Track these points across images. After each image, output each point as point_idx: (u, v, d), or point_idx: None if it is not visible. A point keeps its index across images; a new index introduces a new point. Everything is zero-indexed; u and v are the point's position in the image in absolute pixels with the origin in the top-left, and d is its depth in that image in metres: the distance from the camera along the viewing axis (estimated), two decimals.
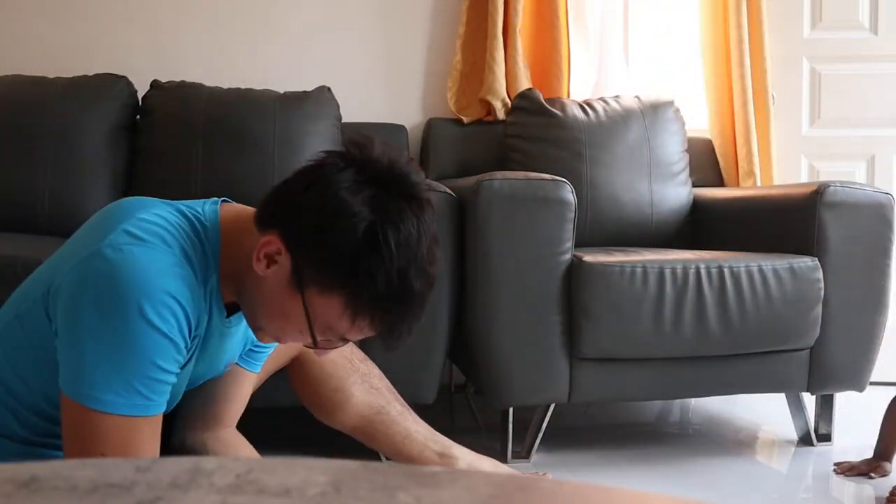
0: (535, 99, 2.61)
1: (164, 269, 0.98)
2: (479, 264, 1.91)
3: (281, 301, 1.04)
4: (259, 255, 1.03)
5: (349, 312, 1.01)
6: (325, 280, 1.00)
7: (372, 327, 1.03)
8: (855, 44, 2.86)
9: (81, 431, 0.98)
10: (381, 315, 1.02)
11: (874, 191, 2.15)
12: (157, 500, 0.40)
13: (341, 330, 1.04)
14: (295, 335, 1.07)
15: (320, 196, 1.00)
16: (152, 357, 0.97)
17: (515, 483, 0.45)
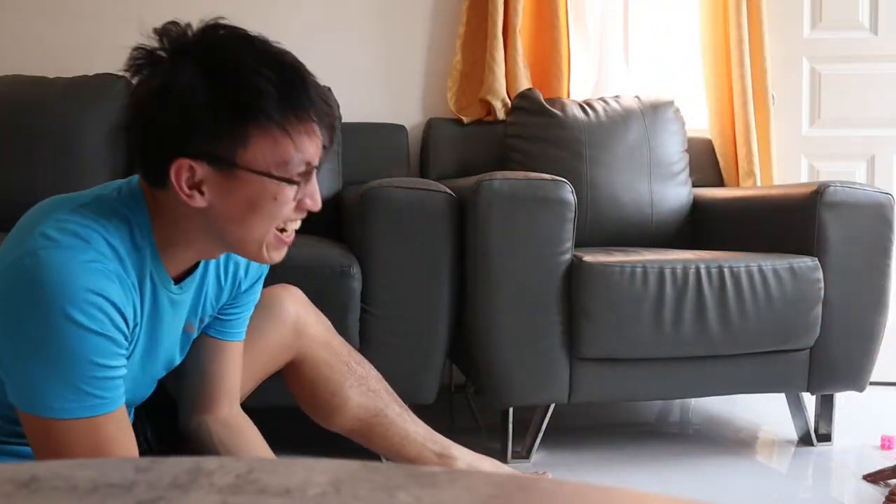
0: (535, 99, 2.61)
1: (82, 267, 0.94)
2: (479, 264, 1.91)
3: (237, 198, 1.00)
4: (187, 192, 0.98)
5: (277, 132, 0.99)
6: (234, 140, 0.97)
7: (302, 123, 1.00)
8: (855, 44, 2.86)
9: (47, 442, 0.97)
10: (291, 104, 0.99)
11: (874, 191, 2.15)
12: (157, 500, 0.40)
13: (291, 153, 1.01)
14: (278, 208, 1.03)
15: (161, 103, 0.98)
16: (91, 357, 0.95)
17: (515, 483, 0.45)
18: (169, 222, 1.04)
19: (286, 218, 1.06)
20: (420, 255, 1.90)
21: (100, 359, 0.96)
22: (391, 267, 1.89)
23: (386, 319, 1.89)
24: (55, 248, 0.94)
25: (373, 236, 1.88)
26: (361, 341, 1.87)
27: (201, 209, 1.00)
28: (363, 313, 1.87)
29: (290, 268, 1.81)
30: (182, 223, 1.04)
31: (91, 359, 0.95)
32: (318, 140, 1.04)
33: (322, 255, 1.87)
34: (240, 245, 1.05)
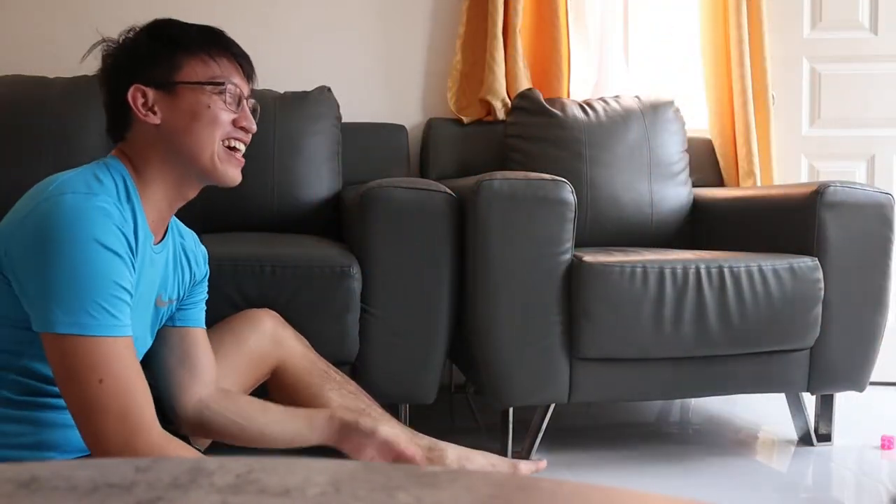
0: (535, 99, 2.61)
1: (97, 203, 1.10)
2: (479, 264, 1.91)
3: (181, 110, 1.22)
4: (143, 113, 1.22)
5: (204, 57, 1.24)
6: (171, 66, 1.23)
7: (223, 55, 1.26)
8: (855, 44, 2.86)
9: (70, 365, 1.06)
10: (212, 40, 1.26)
11: (874, 191, 2.15)
12: (157, 500, 0.40)
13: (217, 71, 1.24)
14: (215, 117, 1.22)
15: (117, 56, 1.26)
16: (113, 276, 1.08)
17: (515, 483, 0.45)
18: (140, 163, 1.24)
19: (226, 131, 1.24)
20: (420, 255, 1.90)
21: (117, 277, 1.09)
22: (391, 267, 1.89)
23: (386, 319, 1.89)
24: (70, 191, 1.11)
25: (373, 236, 1.88)
26: (361, 341, 1.87)
27: (157, 127, 1.22)
28: (363, 313, 1.87)
29: (291, 268, 1.82)
30: (149, 156, 1.23)
31: (114, 278, 1.08)
32: (240, 73, 1.27)
33: (322, 255, 1.87)
34: (194, 158, 1.23)
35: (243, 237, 2.10)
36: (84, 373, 1.06)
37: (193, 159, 1.23)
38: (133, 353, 1.11)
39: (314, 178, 2.41)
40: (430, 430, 2.26)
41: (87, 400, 1.07)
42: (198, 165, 1.24)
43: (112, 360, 1.07)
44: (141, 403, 1.09)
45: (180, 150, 1.23)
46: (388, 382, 1.92)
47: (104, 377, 1.06)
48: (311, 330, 1.80)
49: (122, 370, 1.08)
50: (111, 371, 1.06)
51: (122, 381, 1.07)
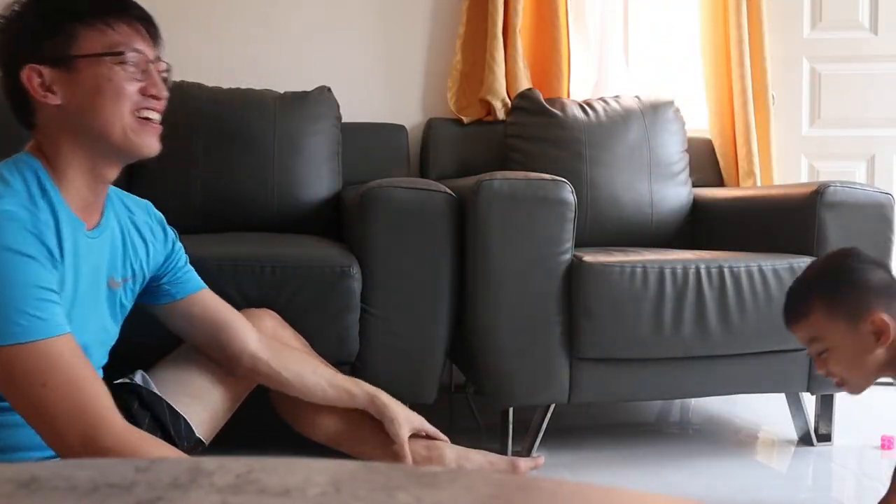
0: (535, 99, 2.61)
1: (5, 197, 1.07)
2: (479, 264, 1.91)
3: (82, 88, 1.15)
4: (42, 94, 1.14)
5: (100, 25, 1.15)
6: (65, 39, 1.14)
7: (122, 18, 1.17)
8: (855, 44, 2.86)
9: (10, 376, 1.03)
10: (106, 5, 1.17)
11: (874, 191, 2.15)
12: (157, 500, 0.40)
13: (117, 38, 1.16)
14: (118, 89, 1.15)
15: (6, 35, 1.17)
16: (29, 280, 1.04)
17: (515, 483, 0.45)
18: (51, 150, 1.17)
19: (134, 102, 1.17)
20: (420, 255, 1.90)
21: (39, 282, 1.05)
22: (391, 267, 1.89)
23: (386, 319, 1.89)
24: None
25: (373, 236, 1.88)
26: (361, 341, 1.87)
27: (60, 108, 1.15)
28: (363, 313, 1.87)
29: (291, 268, 1.82)
30: (58, 141, 1.17)
31: (33, 283, 1.04)
32: (142, 35, 1.19)
33: (322, 255, 1.87)
34: (105, 136, 1.16)
35: (243, 237, 2.10)
36: (26, 381, 1.02)
37: (104, 137, 1.16)
38: (74, 349, 1.07)
39: (314, 178, 2.41)
40: None
41: (36, 407, 1.03)
42: (110, 142, 1.17)
43: (51, 361, 1.03)
44: (93, 396, 1.05)
45: (89, 130, 1.16)
46: (388, 382, 1.92)
47: (46, 380, 1.02)
48: (311, 330, 1.80)
49: (64, 369, 1.04)
50: (52, 372, 1.03)
51: (67, 380, 1.03)
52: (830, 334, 1.27)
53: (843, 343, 1.26)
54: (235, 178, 2.33)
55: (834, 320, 1.27)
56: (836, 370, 1.29)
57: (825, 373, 1.31)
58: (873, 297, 1.26)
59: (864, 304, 1.25)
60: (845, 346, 1.26)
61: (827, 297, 1.28)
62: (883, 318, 1.23)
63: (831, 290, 1.28)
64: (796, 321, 1.33)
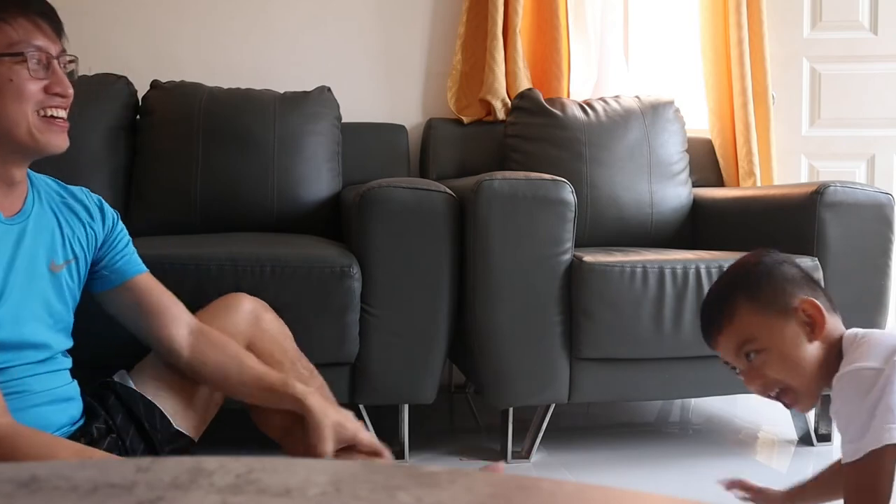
0: (535, 99, 2.61)
1: None
2: (479, 264, 1.91)
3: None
4: None
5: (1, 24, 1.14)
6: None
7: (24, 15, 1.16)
8: (855, 44, 2.86)
9: None
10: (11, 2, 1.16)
11: (874, 191, 2.15)
12: (157, 500, 0.40)
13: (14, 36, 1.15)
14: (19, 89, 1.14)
15: None
16: None
17: (515, 483, 0.45)
18: None
19: (37, 101, 1.16)
20: (420, 255, 1.90)
21: None
22: (391, 267, 1.89)
23: (386, 319, 1.89)
24: None
25: (373, 236, 1.88)
26: (361, 341, 1.87)
27: None
28: (363, 313, 1.87)
29: (291, 268, 1.82)
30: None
31: None
32: (44, 30, 1.18)
33: (322, 255, 1.87)
34: (9, 136, 1.15)
35: (243, 237, 2.10)
36: None
37: (8, 137, 1.16)
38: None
39: (314, 178, 2.41)
40: (430, 430, 2.26)
41: None
42: (15, 142, 1.16)
43: None
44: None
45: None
46: (388, 382, 1.92)
47: None
48: (311, 330, 1.80)
49: None
50: None
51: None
52: (763, 330, 1.16)
53: (778, 338, 1.15)
54: (235, 178, 2.33)
55: (764, 314, 1.16)
56: (775, 375, 1.17)
57: (762, 385, 1.19)
58: (797, 286, 1.17)
59: (790, 293, 1.15)
60: (782, 342, 1.15)
61: (750, 294, 1.17)
62: (813, 302, 1.14)
63: (753, 286, 1.18)
64: (720, 328, 1.20)
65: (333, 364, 1.85)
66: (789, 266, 1.21)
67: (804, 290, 1.17)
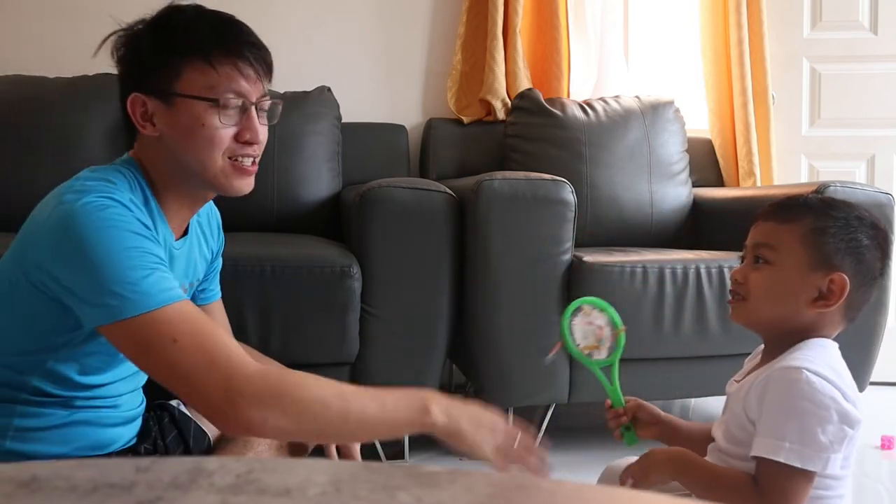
0: (535, 99, 2.61)
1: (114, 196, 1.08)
2: (479, 264, 1.91)
3: (178, 125, 1.13)
4: (141, 123, 1.14)
5: (202, 65, 1.12)
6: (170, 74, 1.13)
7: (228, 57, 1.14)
8: (855, 44, 2.86)
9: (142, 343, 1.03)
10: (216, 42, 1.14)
11: (874, 191, 2.15)
12: (157, 500, 0.40)
13: (215, 79, 1.13)
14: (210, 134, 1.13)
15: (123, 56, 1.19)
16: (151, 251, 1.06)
17: (515, 483, 0.45)
18: (152, 169, 1.18)
19: (226, 147, 1.15)
20: (420, 255, 1.90)
21: (156, 252, 1.07)
22: (391, 267, 1.89)
23: (386, 319, 1.89)
24: (87, 191, 1.07)
25: (373, 236, 1.88)
26: (361, 341, 1.87)
27: (159, 139, 1.15)
28: (363, 313, 1.87)
29: (291, 268, 1.82)
30: (158, 165, 1.17)
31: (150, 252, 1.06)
32: (246, 74, 1.16)
33: (322, 255, 1.87)
34: (198, 174, 1.16)
35: (243, 237, 2.10)
36: (157, 344, 1.02)
37: (198, 175, 1.16)
38: (194, 309, 1.08)
39: (314, 178, 2.41)
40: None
41: (171, 367, 1.03)
42: (203, 180, 1.17)
43: (176, 322, 1.03)
44: (222, 344, 1.04)
45: (185, 166, 1.16)
46: (388, 382, 1.92)
47: (177, 337, 1.02)
48: (311, 330, 1.80)
49: (191, 325, 1.04)
50: (181, 330, 1.03)
51: (195, 334, 1.03)
52: (789, 256, 1.09)
53: (790, 272, 1.07)
54: None
55: (804, 248, 1.08)
56: (754, 288, 1.11)
57: (741, 281, 1.14)
58: (853, 263, 1.06)
59: (840, 262, 1.06)
60: (788, 278, 1.07)
61: (816, 227, 1.09)
62: (845, 282, 1.04)
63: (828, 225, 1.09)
64: (772, 216, 1.15)
65: (333, 364, 1.85)
66: (871, 250, 1.09)
67: (856, 274, 1.06)
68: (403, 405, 1.08)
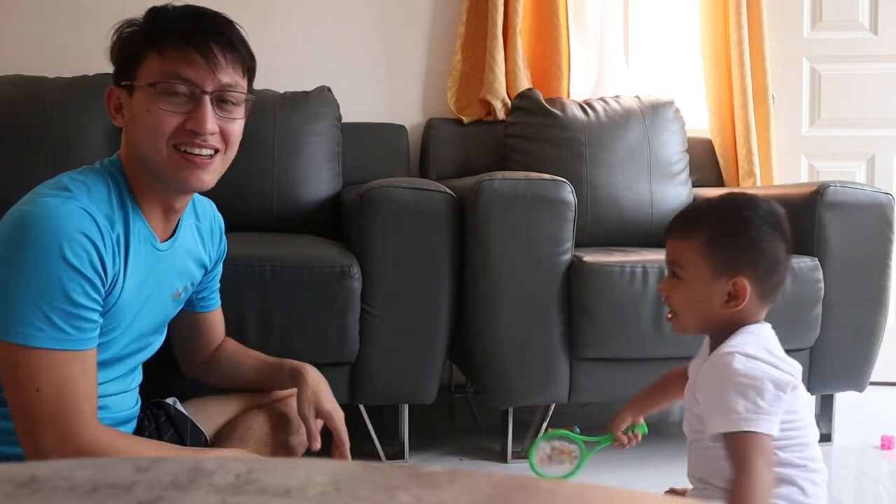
0: (535, 99, 2.61)
1: (74, 211, 1.07)
2: (479, 264, 1.91)
3: (134, 112, 1.15)
4: (113, 114, 1.17)
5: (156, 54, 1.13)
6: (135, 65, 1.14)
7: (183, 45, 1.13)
8: (855, 44, 2.86)
9: (15, 371, 1.05)
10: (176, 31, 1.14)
11: (874, 191, 2.15)
12: (157, 500, 0.40)
13: (166, 65, 1.12)
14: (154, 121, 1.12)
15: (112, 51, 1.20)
16: (66, 291, 1.05)
17: (515, 483, 0.45)
18: (127, 165, 1.18)
19: (170, 134, 1.13)
20: (420, 255, 1.90)
21: (75, 295, 1.05)
22: (391, 267, 1.89)
23: (386, 319, 1.89)
24: (50, 196, 1.08)
25: (373, 236, 1.88)
26: (361, 341, 1.87)
27: (125, 131, 1.17)
28: (363, 313, 1.87)
29: (291, 268, 1.82)
30: (130, 158, 1.17)
31: (67, 293, 1.05)
32: (193, 61, 1.12)
33: (322, 255, 1.87)
34: (150, 164, 1.15)
35: (243, 237, 2.10)
36: (23, 379, 1.04)
37: (150, 165, 1.15)
38: (84, 365, 1.08)
39: (314, 178, 2.41)
40: (430, 430, 2.26)
41: (23, 406, 1.06)
42: (155, 171, 1.15)
43: (53, 370, 1.05)
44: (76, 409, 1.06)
45: (142, 157, 1.15)
46: (388, 382, 1.92)
47: (42, 386, 1.04)
48: (311, 330, 1.80)
49: (63, 380, 1.05)
50: (50, 380, 1.04)
51: (60, 390, 1.05)
52: (695, 269, 1.19)
53: (698, 284, 1.18)
54: (235, 178, 2.31)
55: (706, 259, 1.18)
56: (676, 303, 1.22)
57: (665, 297, 1.25)
58: (755, 262, 1.17)
59: (742, 264, 1.17)
60: (698, 288, 1.18)
61: (713, 238, 1.19)
62: (745, 286, 1.16)
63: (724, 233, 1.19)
64: (675, 235, 1.26)
65: (333, 364, 1.85)
66: (771, 242, 1.20)
67: (757, 271, 1.18)
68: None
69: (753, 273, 1.17)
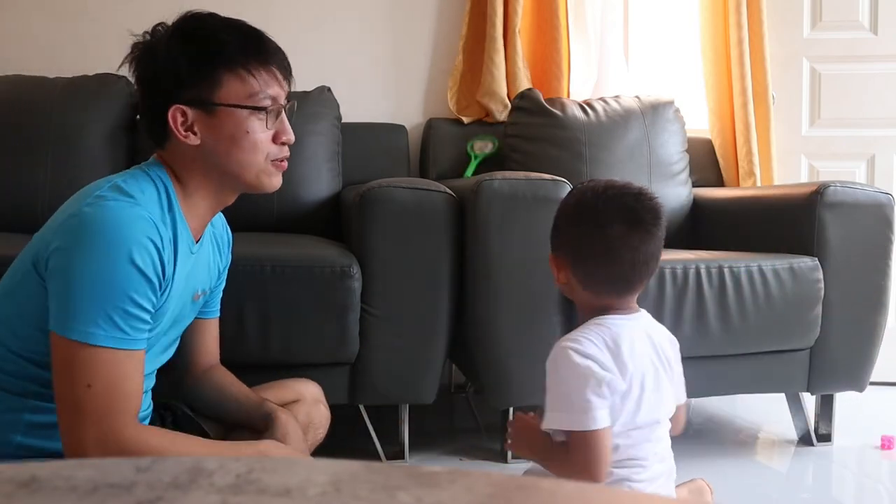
0: (535, 99, 2.61)
1: (140, 216, 1.11)
2: (479, 264, 1.91)
3: (222, 134, 1.18)
4: (183, 134, 1.18)
5: (242, 73, 1.18)
6: (211, 84, 1.17)
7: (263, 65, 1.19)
8: (855, 44, 2.86)
9: (69, 365, 1.08)
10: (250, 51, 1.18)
11: (874, 191, 2.15)
12: (157, 500, 0.40)
13: (256, 87, 1.18)
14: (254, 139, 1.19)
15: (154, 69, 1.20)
16: (130, 294, 1.09)
17: (515, 483, 0.45)
18: (181, 174, 1.22)
19: (268, 151, 1.21)
20: (420, 255, 1.90)
21: (137, 296, 1.10)
22: (391, 267, 1.89)
23: (386, 319, 1.89)
24: (114, 201, 1.12)
25: (373, 236, 1.88)
26: (361, 341, 1.87)
27: (198, 147, 1.19)
28: (363, 313, 1.87)
29: (291, 268, 1.82)
30: (190, 170, 1.21)
31: (130, 294, 1.09)
32: (278, 80, 1.21)
33: (322, 255, 1.87)
34: (239, 177, 1.22)
35: (243, 237, 2.10)
36: (77, 374, 1.07)
37: (237, 178, 1.22)
38: (135, 365, 1.12)
39: (314, 178, 2.41)
40: (430, 430, 2.26)
41: (72, 401, 1.08)
42: (242, 182, 1.23)
43: (108, 369, 1.08)
44: (122, 408, 1.09)
45: (224, 171, 1.21)
46: (388, 382, 1.92)
47: (94, 382, 1.07)
48: (311, 330, 1.80)
49: (115, 378, 1.09)
50: (103, 378, 1.08)
51: (111, 388, 1.08)
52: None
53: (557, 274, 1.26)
54: None
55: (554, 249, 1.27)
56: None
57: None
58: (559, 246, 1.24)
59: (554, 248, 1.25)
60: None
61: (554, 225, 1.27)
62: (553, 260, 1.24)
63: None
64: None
65: (333, 364, 1.86)
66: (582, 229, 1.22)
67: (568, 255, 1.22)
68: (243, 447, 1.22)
69: (565, 259, 1.23)
